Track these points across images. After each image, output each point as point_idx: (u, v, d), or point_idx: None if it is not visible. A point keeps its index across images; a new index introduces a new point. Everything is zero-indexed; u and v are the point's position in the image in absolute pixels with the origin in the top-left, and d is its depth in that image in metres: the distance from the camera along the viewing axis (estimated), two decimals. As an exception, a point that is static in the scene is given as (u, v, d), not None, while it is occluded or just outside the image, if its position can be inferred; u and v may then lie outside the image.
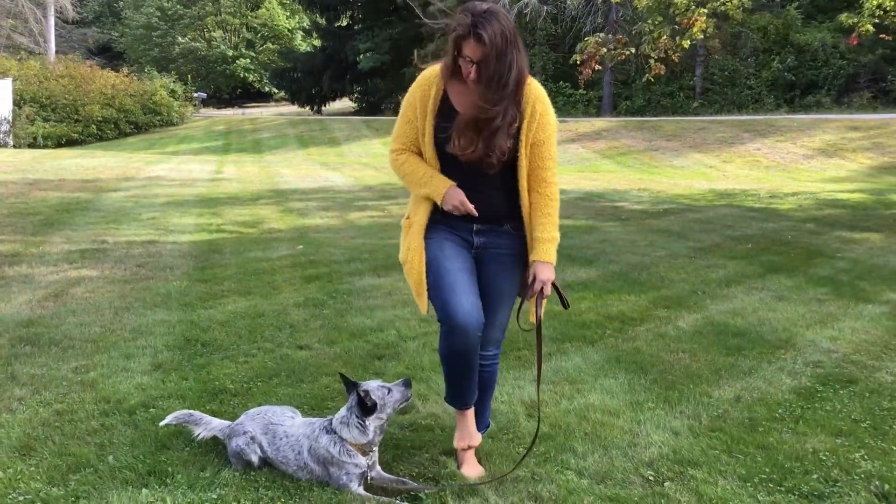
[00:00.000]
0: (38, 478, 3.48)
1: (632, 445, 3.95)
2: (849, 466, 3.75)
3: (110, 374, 4.84)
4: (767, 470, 3.69)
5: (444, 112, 3.29)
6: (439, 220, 3.43)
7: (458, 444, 3.60)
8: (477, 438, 3.64)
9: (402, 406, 3.55)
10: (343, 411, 3.48)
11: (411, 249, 3.44)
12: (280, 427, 3.60)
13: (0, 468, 3.56)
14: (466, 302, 3.29)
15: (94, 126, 34.84)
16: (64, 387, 4.61)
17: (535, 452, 3.80)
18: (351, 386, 3.45)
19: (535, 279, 3.35)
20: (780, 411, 4.43)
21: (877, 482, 3.59)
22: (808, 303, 6.86)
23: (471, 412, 3.61)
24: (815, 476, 3.64)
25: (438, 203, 3.34)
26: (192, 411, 3.91)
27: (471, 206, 3.28)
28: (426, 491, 3.43)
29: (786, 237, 10.31)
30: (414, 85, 3.39)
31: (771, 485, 3.56)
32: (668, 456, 3.83)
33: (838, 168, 21.86)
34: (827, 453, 3.87)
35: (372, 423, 3.42)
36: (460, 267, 3.36)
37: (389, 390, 3.45)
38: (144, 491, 3.36)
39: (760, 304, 6.83)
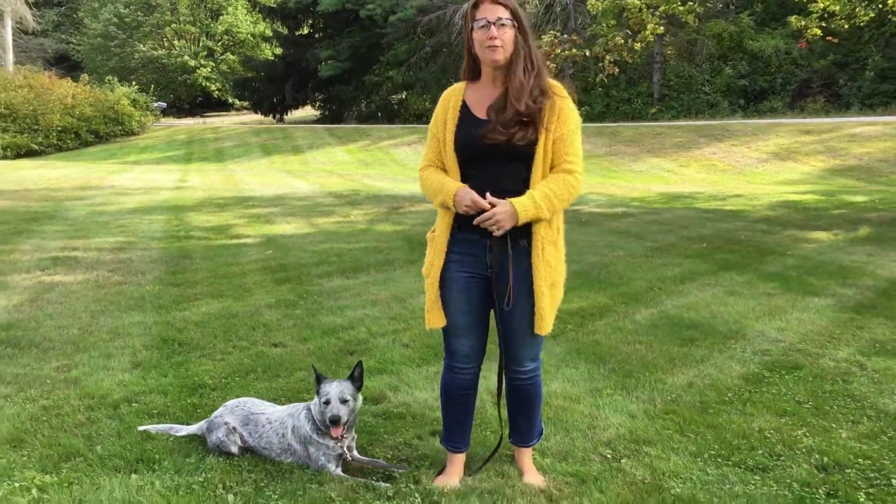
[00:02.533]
0: (31, 466, 3.67)
1: (591, 427, 4.22)
2: (792, 442, 4.05)
3: (92, 372, 5.02)
4: (716, 447, 3.99)
5: (464, 118, 3.39)
6: (457, 236, 3.44)
7: (436, 480, 3.62)
8: (456, 480, 3.64)
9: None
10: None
11: (433, 266, 3.49)
12: (262, 416, 3.83)
13: (-6, 459, 3.74)
14: (466, 345, 3.52)
15: (54, 136, 34.56)
16: (48, 384, 4.79)
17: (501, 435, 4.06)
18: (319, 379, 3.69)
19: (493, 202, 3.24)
20: (729, 395, 4.74)
21: (817, 455, 3.89)
22: (757, 297, 7.20)
23: (461, 459, 3.68)
24: (760, 451, 3.94)
25: (451, 207, 3.33)
26: (171, 424, 4.14)
27: (483, 202, 3.23)
28: (400, 471, 3.67)
29: (739, 236, 10.70)
30: (437, 104, 3.51)
31: (719, 459, 3.85)
32: (625, 436, 4.11)
33: (791, 171, 22.44)
34: (772, 431, 4.18)
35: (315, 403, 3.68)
36: (465, 310, 3.47)
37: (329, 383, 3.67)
38: (134, 476, 3.57)
39: (713, 298, 7.15)
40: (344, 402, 3.59)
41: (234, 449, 3.79)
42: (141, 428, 4.09)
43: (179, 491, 3.44)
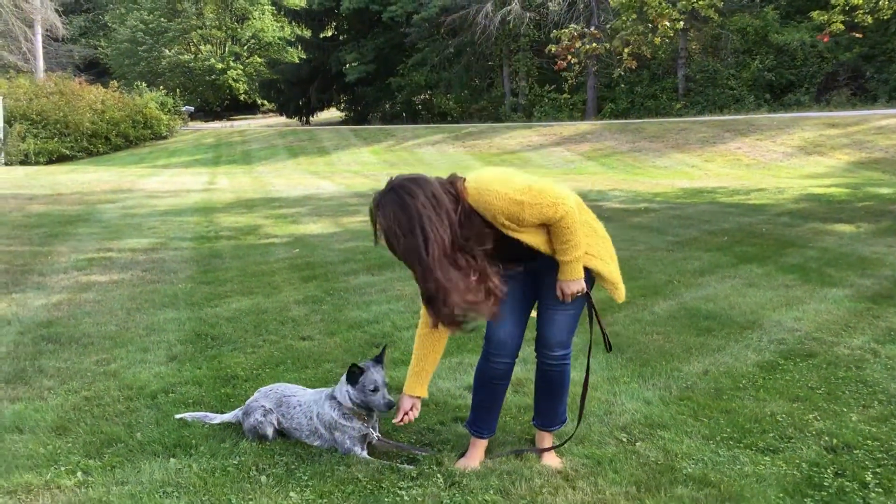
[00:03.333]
0: (76, 452, 3.90)
1: (608, 413, 4.39)
2: (803, 426, 4.19)
3: (130, 365, 5.27)
4: (729, 430, 4.13)
5: None
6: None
7: (458, 462, 3.81)
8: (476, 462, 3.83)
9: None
10: (342, 380, 3.93)
11: None
12: (293, 398, 4.05)
13: (41, 445, 3.98)
14: (503, 331, 3.71)
15: (85, 141, 35.09)
16: (88, 377, 5.04)
17: (520, 421, 4.23)
18: (356, 370, 3.86)
19: (561, 291, 3.60)
20: (743, 382, 4.88)
21: (826, 437, 4.03)
22: (776, 288, 7.32)
23: (483, 444, 3.85)
24: (771, 434, 4.08)
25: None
26: (206, 413, 4.36)
27: (403, 420, 3.74)
28: (423, 454, 3.86)
29: (760, 230, 10.79)
30: None
31: (731, 442, 4.00)
32: (640, 421, 4.27)
33: (817, 164, 22.38)
34: (784, 415, 4.32)
35: (353, 392, 3.85)
36: (507, 298, 3.57)
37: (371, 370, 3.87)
38: (172, 460, 3.78)
39: (732, 290, 7.28)
40: (386, 385, 3.85)
41: (270, 431, 3.99)
42: (178, 416, 4.31)
43: (215, 473, 3.65)
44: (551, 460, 3.82)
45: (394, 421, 3.75)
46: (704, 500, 3.42)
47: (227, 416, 4.27)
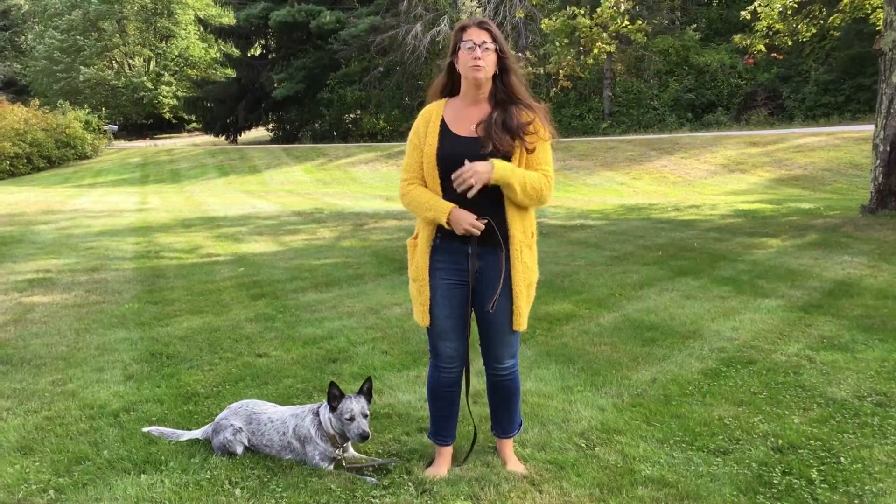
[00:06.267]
0: (45, 471, 3.90)
1: (565, 420, 4.56)
2: (749, 428, 4.43)
3: (87, 385, 5.24)
4: (680, 434, 4.35)
5: (443, 134, 3.69)
6: (438, 246, 3.75)
7: (427, 471, 3.94)
8: (445, 470, 3.96)
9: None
10: (325, 401, 4.00)
11: (419, 268, 3.79)
12: (264, 414, 4.11)
13: (8, 465, 3.97)
14: (450, 347, 3.83)
15: (6, 162, 34.22)
16: (46, 397, 5.00)
17: (482, 430, 4.37)
18: (337, 394, 3.92)
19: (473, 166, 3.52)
20: (690, 388, 5.11)
21: (772, 439, 4.27)
22: (712, 300, 7.62)
23: (448, 451, 4.00)
24: (720, 437, 4.31)
25: (444, 224, 3.62)
26: (174, 429, 4.39)
27: (479, 225, 3.58)
28: (393, 464, 3.97)
29: (692, 244, 11.16)
30: (417, 118, 3.81)
31: (684, 445, 4.21)
32: (597, 427, 4.45)
33: (739, 181, 23.15)
34: (730, 419, 4.56)
35: (332, 418, 3.93)
36: (449, 314, 3.78)
37: (350, 399, 3.92)
38: (143, 476, 3.82)
39: (671, 302, 7.56)
40: (365, 416, 3.89)
41: (239, 449, 4.05)
42: (145, 429, 4.34)
43: (189, 487, 3.70)
44: (516, 466, 3.97)
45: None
46: (664, 500, 3.61)
47: (196, 433, 4.30)
